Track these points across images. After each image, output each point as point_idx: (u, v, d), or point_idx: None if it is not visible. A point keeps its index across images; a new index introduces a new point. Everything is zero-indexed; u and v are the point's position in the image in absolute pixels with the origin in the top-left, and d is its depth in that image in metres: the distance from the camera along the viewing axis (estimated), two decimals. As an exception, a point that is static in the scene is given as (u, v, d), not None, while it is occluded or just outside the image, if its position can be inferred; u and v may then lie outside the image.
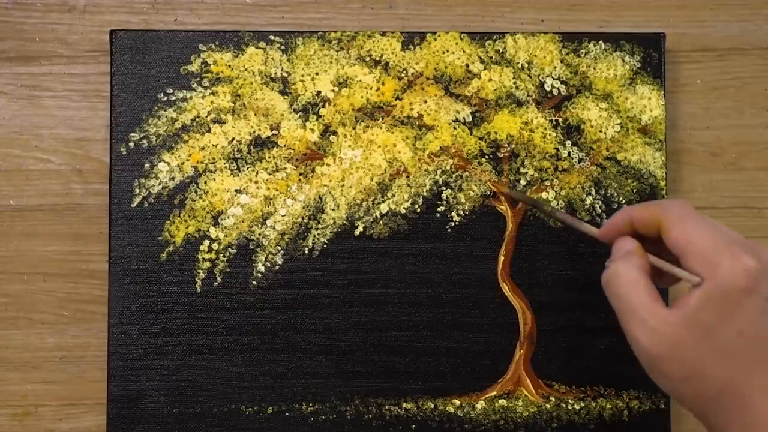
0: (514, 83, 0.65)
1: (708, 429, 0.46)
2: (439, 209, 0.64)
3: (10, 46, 0.66)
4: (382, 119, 0.64)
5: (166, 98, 0.64)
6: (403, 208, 0.64)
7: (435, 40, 0.65)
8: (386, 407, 0.63)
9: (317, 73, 0.64)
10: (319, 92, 0.64)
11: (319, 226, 0.64)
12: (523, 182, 0.64)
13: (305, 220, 0.64)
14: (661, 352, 0.45)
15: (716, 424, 0.46)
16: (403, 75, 0.65)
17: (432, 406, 0.63)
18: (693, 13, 0.68)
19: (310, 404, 0.63)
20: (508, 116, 0.65)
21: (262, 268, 0.63)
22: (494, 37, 0.65)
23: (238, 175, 0.64)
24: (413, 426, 0.63)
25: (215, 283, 0.63)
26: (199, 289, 0.63)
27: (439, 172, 0.64)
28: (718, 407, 0.45)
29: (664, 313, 0.45)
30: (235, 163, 0.64)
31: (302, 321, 0.63)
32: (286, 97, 0.64)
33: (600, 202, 0.65)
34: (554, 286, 0.64)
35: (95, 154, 0.66)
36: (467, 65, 0.65)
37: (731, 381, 0.44)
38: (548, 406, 0.64)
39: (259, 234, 0.64)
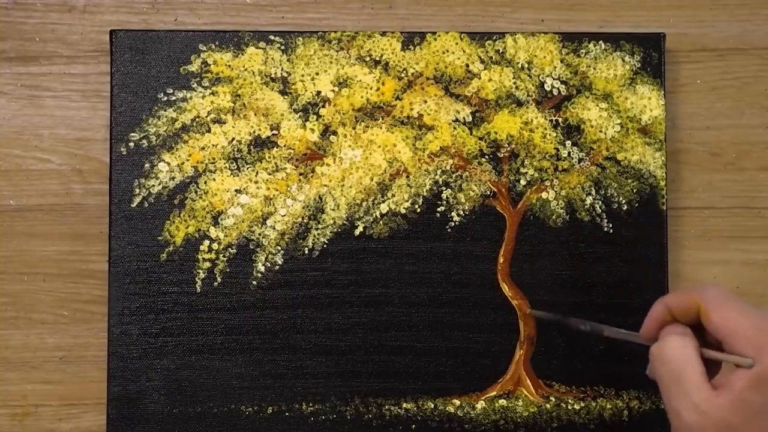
0: (514, 83, 0.65)
1: None
2: (439, 209, 0.64)
3: (10, 46, 0.66)
4: (382, 119, 0.64)
5: (166, 98, 0.64)
6: (403, 208, 0.64)
7: (435, 40, 0.65)
8: (386, 407, 0.63)
9: (317, 73, 0.64)
10: (319, 92, 0.64)
11: (319, 226, 0.64)
12: (523, 182, 0.65)
13: (305, 220, 0.64)
14: (706, 430, 0.46)
15: None
16: (403, 75, 0.65)
17: (432, 406, 0.63)
18: (693, 13, 0.68)
19: (310, 404, 0.63)
20: (508, 116, 0.65)
21: (262, 268, 0.63)
22: (494, 37, 0.65)
23: (238, 175, 0.64)
24: (413, 426, 0.63)
25: (215, 283, 0.63)
26: (199, 289, 0.63)
27: (439, 172, 0.64)
28: None
29: (712, 395, 0.45)
30: (235, 163, 0.64)
31: (302, 321, 0.63)
32: (286, 97, 0.64)
33: (600, 202, 0.65)
34: (554, 286, 0.64)
35: (95, 154, 0.66)
36: (467, 65, 0.65)
37: None
38: (548, 406, 0.64)
39: (259, 234, 0.64)
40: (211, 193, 0.64)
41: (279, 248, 0.64)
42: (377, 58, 0.65)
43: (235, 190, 0.64)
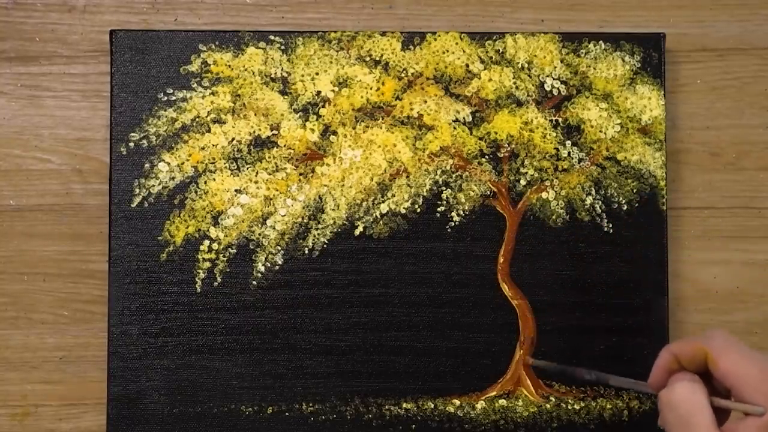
0: (514, 83, 0.65)
1: None
2: (439, 209, 0.64)
3: (10, 46, 0.67)
4: (382, 119, 0.64)
5: (166, 98, 0.64)
6: (403, 208, 0.64)
7: (435, 40, 0.65)
8: (386, 407, 0.63)
9: (317, 73, 0.64)
10: (319, 92, 0.64)
11: (319, 226, 0.64)
12: (523, 182, 0.65)
13: (305, 220, 0.64)
14: None
15: None
16: (403, 75, 0.65)
17: (432, 406, 0.63)
18: (693, 13, 0.68)
19: (310, 404, 0.63)
20: (508, 116, 0.65)
21: (262, 268, 0.64)
22: (494, 37, 0.65)
23: (238, 175, 0.64)
24: (413, 426, 0.63)
25: (215, 283, 0.63)
26: (199, 289, 0.63)
27: (439, 172, 0.64)
28: None
29: None
30: (235, 163, 0.64)
31: (302, 321, 0.63)
32: (286, 97, 0.64)
33: (600, 202, 0.65)
34: (554, 286, 0.64)
35: (95, 154, 0.66)
36: (467, 65, 0.65)
37: None
38: (548, 406, 0.64)
39: (259, 234, 0.64)
40: (211, 193, 0.64)
41: (279, 248, 0.64)
42: (377, 58, 0.65)
43: (235, 190, 0.64)
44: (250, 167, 0.64)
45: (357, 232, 0.64)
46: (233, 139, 0.64)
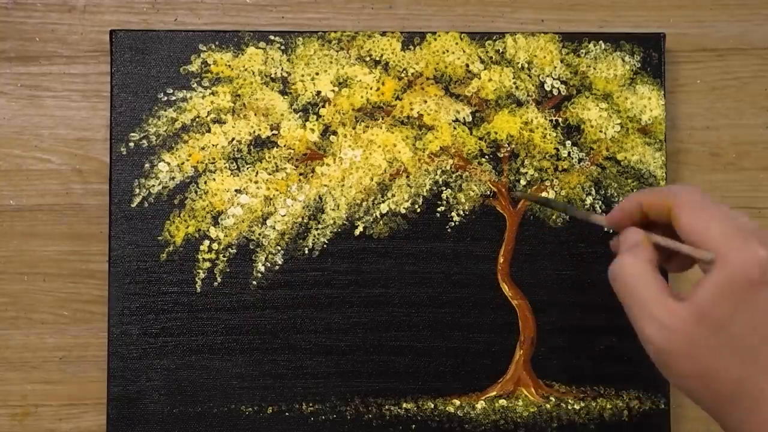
0: (514, 83, 0.65)
1: (722, 428, 0.45)
2: (439, 209, 0.64)
3: (11, 46, 0.66)
4: (382, 119, 0.64)
5: (166, 98, 0.64)
6: (403, 208, 0.64)
7: (435, 40, 0.65)
8: (386, 407, 0.63)
9: (317, 73, 0.64)
10: (319, 92, 0.64)
11: (319, 226, 0.64)
12: (523, 182, 0.65)
13: (305, 220, 0.64)
14: (672, 348, 0.43)
15: (731, 422, 0.44)
16: (403, 75, 0.65)
17: (432, 406, 0.63)
18: (693, 13, 0.68)
19: (310, 404, 0.63)
20: (508, 116, 0.65)
21: (262, 268, 0.63)
22: (494, 37, 0.65)
23: (238, 175, 0.64)
24: (413, 426, 0.63)
25: (215, 283, 0.63)
26: (199, 289, 0.63)
27: (439, 172, 0.64)
28: (732, 405, 0.43)
29: (674, 307, 0.43)
30: (235, 163, 0.64)
31: (302, 321, 0.63)
32: (286, 97, 0.64)
33: (600, 202, 0.65)
34: (554, 286, 0.64)
35: (95, 154, 0.66)
36: (467, 65, 0.65)
37: (746, 379, 0.42)
38: (548, 406, 0.64)
39: (259, 234, 0.64)
40: (211, 193, 0.64)
41: (279, 248, 0.64)
42: (377, 58, 0.65)
43: (235, 190, 0.64)
44: (250, 167, 0.64)
45: (357, 232, 0.64)
46: (233, 139, 0.64)
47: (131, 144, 0.63)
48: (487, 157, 0.65)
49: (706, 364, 0.43)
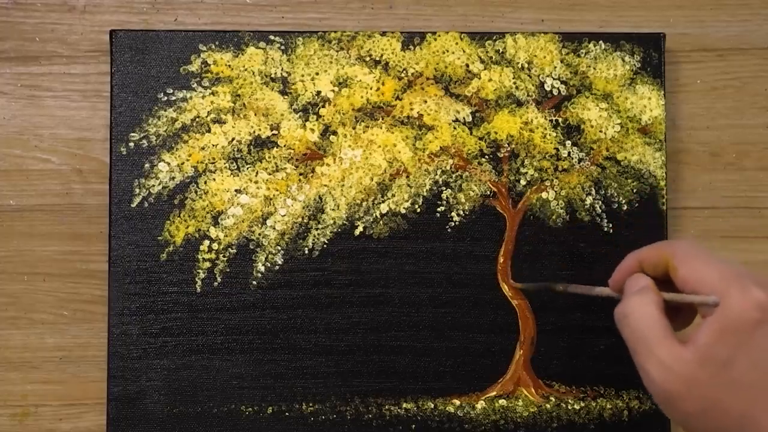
0: (514, 83, 0.65)
1: None
2: (439, 209, 0.64)
3: (11, 46, 0.67)
4: (382, 119, 0.64)
5: (166, 98, 0.64)
6: (403, 208, 0.64)
7: (435, 40, 0.65)
8: (386, 407, 0.63)
9: (317, 73, 0.64)
10: (319, 92, 0.64)
11: (319, 226, 0.64)
12: (523, 182, 0.65)
13: (305, 220, 0.64)
14: (676, 389, 0.45)
15: None
16: (403, 75, 0.65)
17: (432, 406, 0.63)
18: (693, 13, 0.68)
19: (310, 404, 0.63)
20: (508, 116, 0.65)
21: (262, 268, 0.64)
22: (494, 37, 0.65)
23: (238, 175, 0.64)
24: (413, 426, 0.63)
25: (215, 283, 0.63)
26: (199, 289, 0.63)
27: (439, 172, 0.64)
28: None
29: (678, 350, 0.45)
30: (235, 163, 0.64)
31: (302, 321, 0.63)
32: (286, 97, 0.64)
33: (600, 202, 0.65)
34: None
35: (95, 154, 0.66)
36: (467, 65, 0.65)
37: (748, 415, 0.44)
38: (548, 406, 0.64)
39: (259, 234, 0.64)
40: (211, 193, 0.64)
41: (279, 248, 0.64)
42: (377, 58, 0.65)
43: (235, 190, 0.64)
44: (250, 167, 0.64)
45: (357, 232, 0.64)
46: (233, 139, 0.64)
47: (131, 144, 0.63)
48: (487, 157, 0.65)
49: (709, 403, 0.44)
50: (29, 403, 0.65)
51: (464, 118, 0.65)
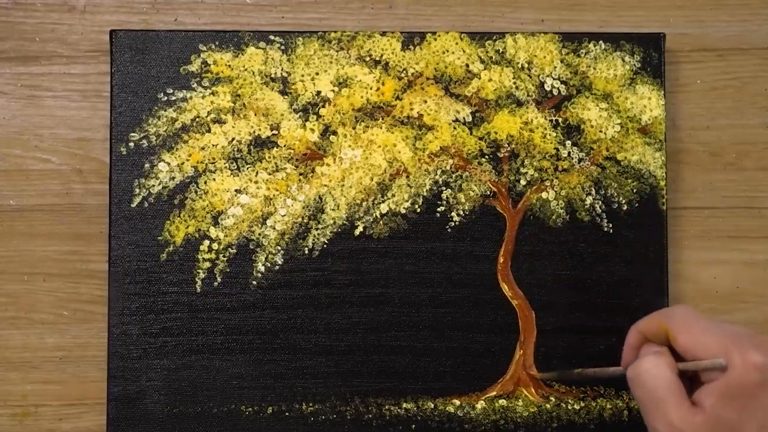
0: (514, 83, 0.65)
1: None
2: (439, 209, 0.64)
3: (11, 46, 0.67)
4: (382, 119, 0.65)
5: (166, 98, 0.64)
6: (403, 208, 0.64)
7: (435, 40, 0.65)
8: (386, 407, 0.63)
9: (317, 73, 0.65)
10: (319, 92, 0.64)
11: (319, 226, 0.64)
12: (523, 182, 0.65)
13: (305, 220, 0.64)
14: None
15: None
16: (403, 75, 0.65)
17: (432, 406, 0.63)
18: (693, 13, 0.68)
19: (310, 404, 0.63)
20: (508, 116, 0.65)
21: (262, 268, 0.64)
22: (494, 37, 0.65)
23: (238, 175, 0.64)
24: (413, 426, 0.63)
25: (215, 283, 0.63)
26: (199, 289, 0.63)
27: (439, 172, 0.65)
28: None
29: (689, 413, 0.46)
30: (235, 163, 0.64)
31: (302, 321, 0.63)
32: (286, 97, 0.64)
33: (600, 202, 0.65)
34: (554, 286, 0.64)
35: (95, 154, 0.66)
36: (467, 65, 0.65)
37: None
38: (548, 406, 0.64)
39: (259, 234, 0.64)
40: (211, 193, 0.64)
41: (279, 248, 0.64)
42: (377, 58, 0.65)
43: (235, 190, 0.64)
44: (250, 167, 0.64)
45: (357, 232, 0.64)
46: (233, 139, 0.64)
47: (131, 144, 0.64)
48: (487, 157, 0.65)
49: None
50: (29, 403, 0.65)
51: (464, 118, 0.65)
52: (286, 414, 0.63)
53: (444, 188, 0.64)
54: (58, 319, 0.66)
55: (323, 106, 0.64)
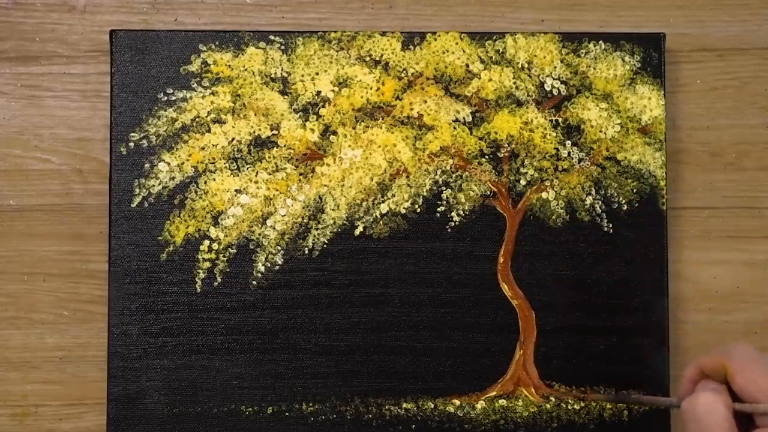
0: (514, 83, 0.65)
1: None
2: (439, 209, 0.64)
3: (11, 46, 0.67)
4: (382, 119, 0.65)
5: (166, 98, 0.64)
6: (403, 208, 0.64)
7: (435, 40, 0.65)
8: (386, 407, 0.64)
9: (317, 73, 0.65)
10: (319, 92, 0.65)
11: (319, 226, 0.64)
12: (523, 182, 0.65)
13: (305, 220, 0.64)
14: None
15: None
16: (403, 75, 0.65)
17: (432, 406, 0.63)
18: (693, 13, 0.69)
19: (310, 404, 0.63)
20: (508, 116, 0.65)
21: (262, 268, 0.64)
22: (494, 37, 0.65)
23: (238, 175, 0.64)
24: (413, 426, 0.63)
25: (215, 283, 0.64)
26: (199, 289, 0.63)
27: (439, 172, 0.65)
28: None
29: None
30: (235, 163, 0.64)
31: (302, 321, 0.64)
32: (286, 97, 0.65)
33: (600, 202, 0.65)
34: (554, 286, 0.64)
35: (95, 154, 0.67)
36: (467, 65, 0.65)
37: None
38: (548, 406, 0.64)
39: (259, 234, 0.64)
40: (211, 193, 0.64)
41: (279, 248, 0.64)
42: (377, 58, 0.65)
43: (235, 190, 0.64)
44: (250, 167, 0.64)
45: (357, 232, 0.64)
46: (233, 139, 0.64)
47: (131, 144, 0.64)
48: (487, 157, 0.65)
49: None
50: (29, 403, 0.66)
51: (464, 118, 0.65)
52: (286, 414, 0.63)
53: (444, 188, 0.65)
54: (58, 319, 0.66)
55: (323, 106, 0.64)
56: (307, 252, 0.64)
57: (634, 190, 0.65)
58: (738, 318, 0.68)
